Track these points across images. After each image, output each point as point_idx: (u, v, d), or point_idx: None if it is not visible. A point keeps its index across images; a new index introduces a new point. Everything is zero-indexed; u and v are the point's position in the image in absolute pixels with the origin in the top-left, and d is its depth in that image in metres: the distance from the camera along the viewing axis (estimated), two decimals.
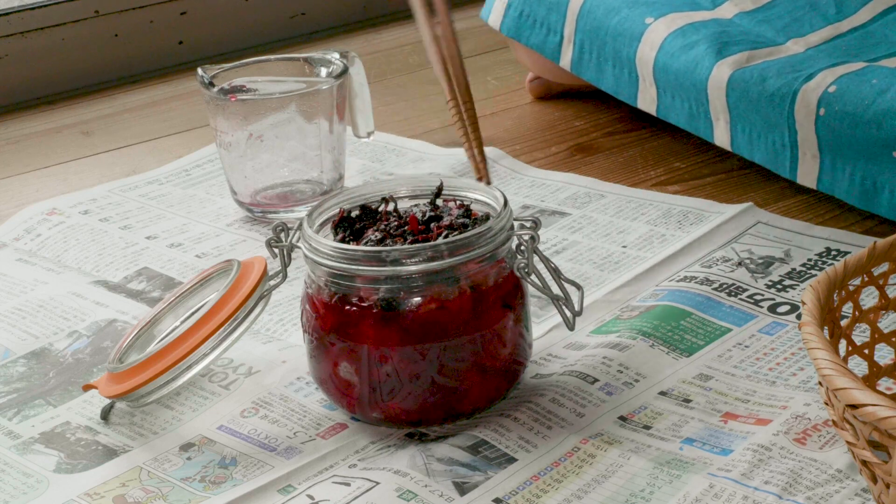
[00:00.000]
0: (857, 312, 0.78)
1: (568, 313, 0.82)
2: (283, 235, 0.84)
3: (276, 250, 0.83)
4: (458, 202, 0.84)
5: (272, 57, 1.14)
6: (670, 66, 1.11)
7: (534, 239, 0.80)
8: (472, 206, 0.84)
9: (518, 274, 0.80)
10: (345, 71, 1.09)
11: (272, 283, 0.84)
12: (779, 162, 1.06)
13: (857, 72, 1.02)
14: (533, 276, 0.80)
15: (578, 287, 0.83)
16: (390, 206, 0.85)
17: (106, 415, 0.84)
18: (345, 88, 1.10)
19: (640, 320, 0.90)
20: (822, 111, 1.01)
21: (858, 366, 0.80)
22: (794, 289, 0.93)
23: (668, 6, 1.15)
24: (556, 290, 0.82)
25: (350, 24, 1.65)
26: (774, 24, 1.12)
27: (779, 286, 0.94)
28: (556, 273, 0.82)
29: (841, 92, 1.01)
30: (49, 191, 1.22)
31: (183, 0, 1.55)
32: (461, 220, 0.80)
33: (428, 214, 0.82)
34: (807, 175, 1.04)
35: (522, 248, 0.80)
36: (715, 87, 1.07)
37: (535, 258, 0.81)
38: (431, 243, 0.77)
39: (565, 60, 1.21)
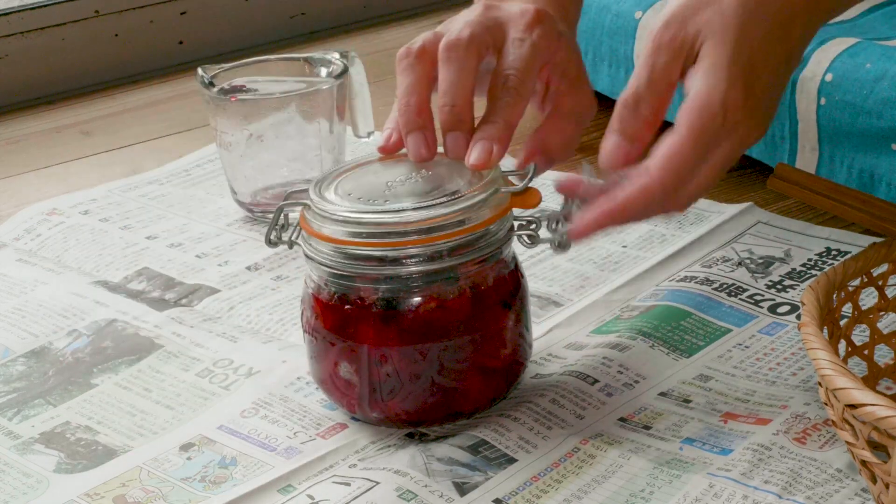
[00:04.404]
0: (856, 313, 0.78)
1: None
2: (282, 234, 0.83)
3: (274, 234, 0.82)
4: None
5: (272, 57, 1.14)
6: None
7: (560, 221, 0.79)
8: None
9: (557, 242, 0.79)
10: (345, 71, 1.09)
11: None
12: (777, 156, 1.05)
13: (850, 51, 1.01)
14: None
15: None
16: None
17: None
18: (345, 88, 1.10)
19: (640, 320, 0.90)
20: (822, 100, 1.01)
21: (858, 366, 0.80)
22: (794, 289, 0.93)
23: None
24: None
25: (350, 24, 1.65)
26: None
27: (779, 286, 0.94)
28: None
29: (838, 80, 1.00)
30: (49, 191, 1.22)
31: (183, 0, 1.55)
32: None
33: None
34: (804, 168, 1.04)
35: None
36: None
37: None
38: (431, 244, 0.77)
39: None
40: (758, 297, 0.92)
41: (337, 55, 1.11)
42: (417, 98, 0.81)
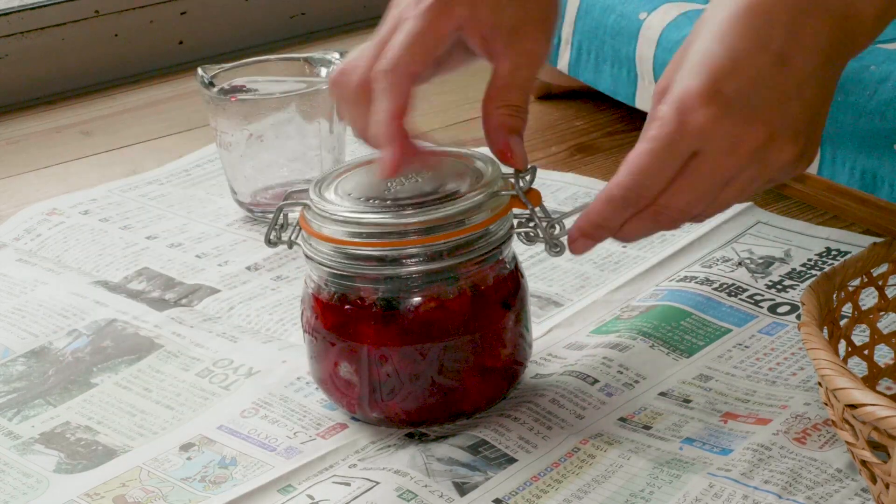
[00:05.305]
0: (856, 313, 0.78)
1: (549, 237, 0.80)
2: (282, 234, 0.83)
3: (274, 233, 0.83)
4: None
5: (272, 57, 1.14)
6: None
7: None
8: None
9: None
10: None
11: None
12: None
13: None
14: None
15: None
16: None
17: None
18: None
19: (640, 320, 0.90)
20: None
21: (858, 366, 0.80)
22: (794, 289, 0.93)
23: None
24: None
25: (350, 24, 1.65)
26: None
27: (779, 286, 0.94)
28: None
29: (841, 82, 1.00)
30: (49, 191, 1.22)
31: (183, 0, 1.55)
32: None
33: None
34: (807, 169, 1.04)
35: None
36: None
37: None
38: (431, 244, 0.77)
39: (563, 63, 1.21)
40: (758, 297, 0.92)
41: (337, 55, 1.11)
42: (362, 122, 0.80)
